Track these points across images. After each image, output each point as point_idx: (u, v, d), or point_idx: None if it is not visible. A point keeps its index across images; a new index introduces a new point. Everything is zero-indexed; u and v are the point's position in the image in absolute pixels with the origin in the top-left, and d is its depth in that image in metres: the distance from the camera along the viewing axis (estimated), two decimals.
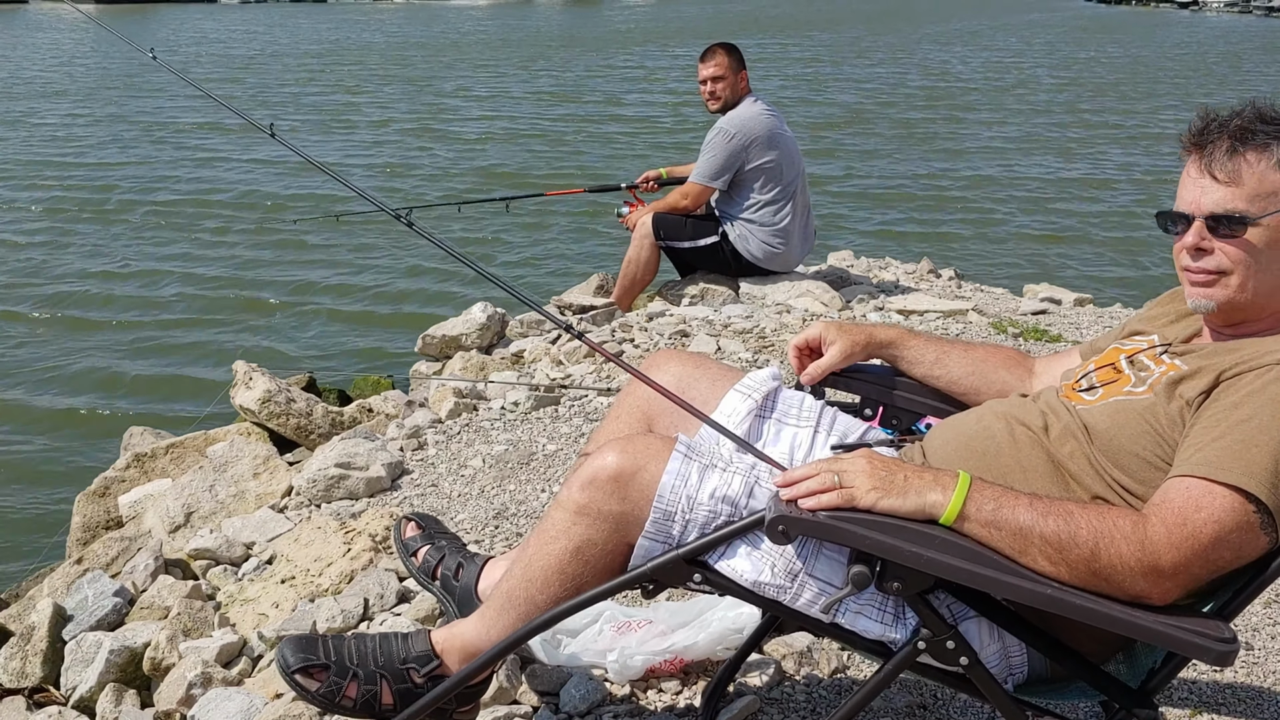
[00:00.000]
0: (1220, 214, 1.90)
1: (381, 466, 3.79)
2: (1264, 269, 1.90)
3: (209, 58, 31.87)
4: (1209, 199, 1.92)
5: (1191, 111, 2.08)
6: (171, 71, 2.82)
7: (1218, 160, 1.91)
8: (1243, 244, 1.90)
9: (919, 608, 1.82)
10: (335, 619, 3.00)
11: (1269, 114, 1.93)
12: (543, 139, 18.47)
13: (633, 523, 1.93)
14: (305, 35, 42.14)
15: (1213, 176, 1.91)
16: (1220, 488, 1.71)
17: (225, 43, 36.90)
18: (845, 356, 2.35)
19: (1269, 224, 1.88)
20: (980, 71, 31.63)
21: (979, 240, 12.46)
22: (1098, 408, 1.99)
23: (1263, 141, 1.89)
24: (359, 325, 8.96)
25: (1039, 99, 25.43)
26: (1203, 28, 59.56)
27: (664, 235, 6.36)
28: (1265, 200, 1.88)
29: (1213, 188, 1.91)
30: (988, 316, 5.86)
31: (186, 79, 2.78)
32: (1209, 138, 1.93)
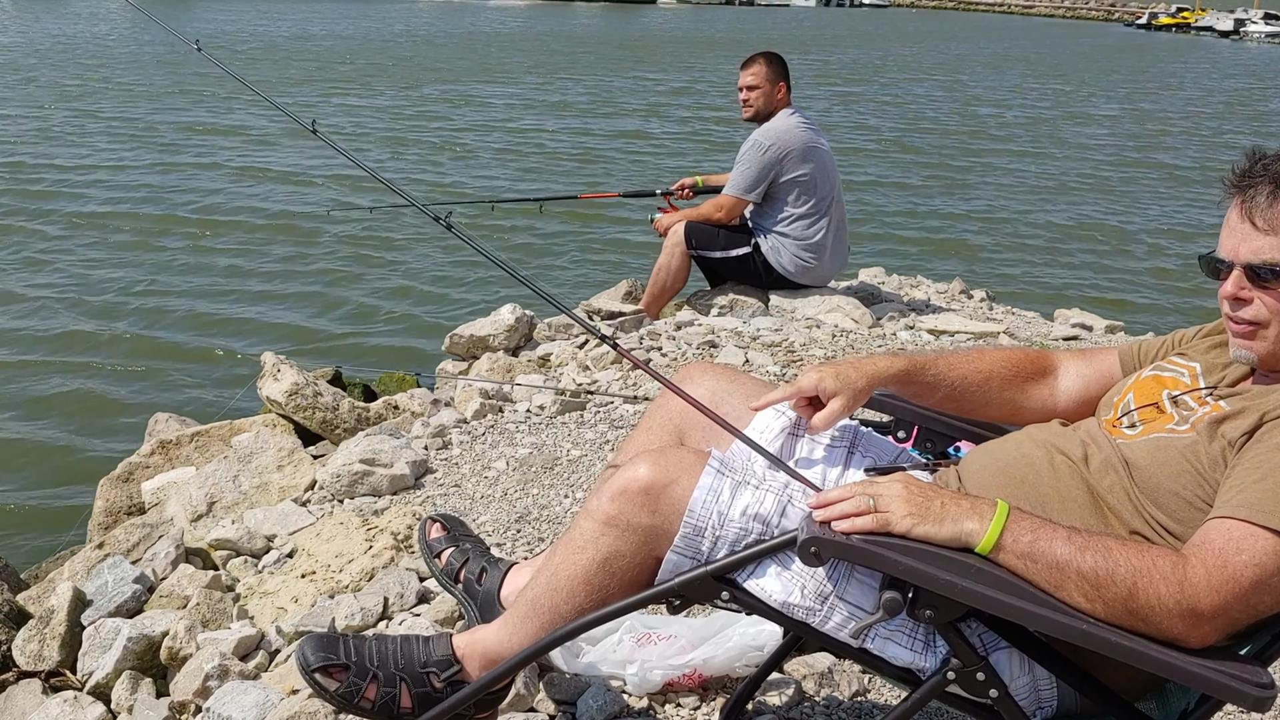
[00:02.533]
0: (1258, 264, 1.86)
1: (405, 464, 3.79)
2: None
3: (249, 50, 32.02)
4: (1247, 247, 1.87)
5: (1223, 143, 2.03)
6: (217, 64, 2.82)
7: (1259, 207, 1.86)
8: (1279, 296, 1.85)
9: (950, 637, 1.79)
10: (354, 617, 2.99)
11: None
12: (578, 142, 18.49)
13: (662, 536, 1.91)
14: (342, 30, 42.33)
15: (1253, 223, 1.86)
16: (1263, 531, 1.68)
17: (262, 37, 37.06)
18: (847, 408, 2.16)
19: None
20: (1023, 95, 31.52)
21: (1012, 261, 12.40)
22: (1139, 443, 1.95)
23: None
24: (387, 322, 8.98)
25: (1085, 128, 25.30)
26: (1244, 56, 59.19)
27: (696, 244, 6.33)
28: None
29: (1252, 235, 1.86)
30: (1019, 340, 5.81)
31: (232, 73, 2.77)
32: (1251, 181, 1.88)
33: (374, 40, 38.01)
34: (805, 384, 2.16)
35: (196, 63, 24.36)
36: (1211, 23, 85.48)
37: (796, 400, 2.19)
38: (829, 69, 34.63)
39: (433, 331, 8.00)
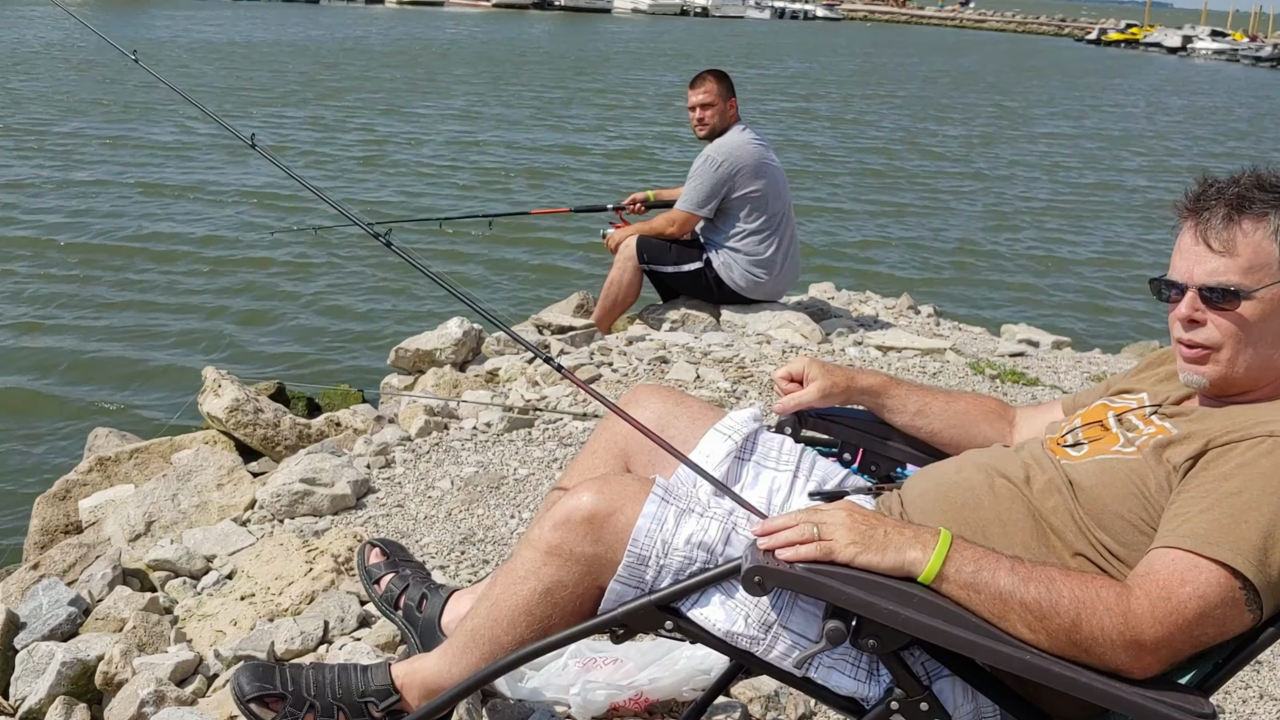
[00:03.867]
0: (1213, 286, 1.87)
1: (347, 484, 3.73)
2: (1256, 343, 1.87)
3: (197, 60, 31.57)
4: (1202, 269, 1.88)
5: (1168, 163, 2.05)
6: (154, 75, 2.76)
7: (1213, 229, 1.87)
8: (1235, 318, 1.86)
9: (893, 666, 1.78)
10: (294, 640, 2.93)
11: (1269, 181, 1.89)
12: (529, 157, 18.40)
13: (605, 566, 1.88)
14: (293, 38, 41.87)
15: (1208, 245, 1.87)
16: (1207, 562, 1.68)
17: (209, 45, 36.57)
18: (823, 396, 2.31)
19: (1263, 297, 1.85)
20: (973, 111, 31.83)
21: (961, 277, 12.50)
22: (1084, 464, 1.95)
23: (1260, 210, 1.85)
24: (332, 336, 8.87)
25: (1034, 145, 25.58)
26: (1191, 72, 60.19)
27: (648, 259, 6.33)
28: (1260, 272, 1.85)
29: (1207, 257, 1.88)
30: (965, 356, 5.84)
31: (170, 84, 2.72)
32: (1206, 204, 1.89)
33: (323, 49, 37.54)
34: (795, 366, 2.36)
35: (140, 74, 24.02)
36: (1160, 39, 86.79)
37: (785, 378, 2.37)
38: (779, 84, 34.75)
39: (379, 345, 7.92)
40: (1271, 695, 3.01)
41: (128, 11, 51.53)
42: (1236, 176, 1.92)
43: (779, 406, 2.36)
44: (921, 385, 2.41)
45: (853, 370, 2.37)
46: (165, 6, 57.97)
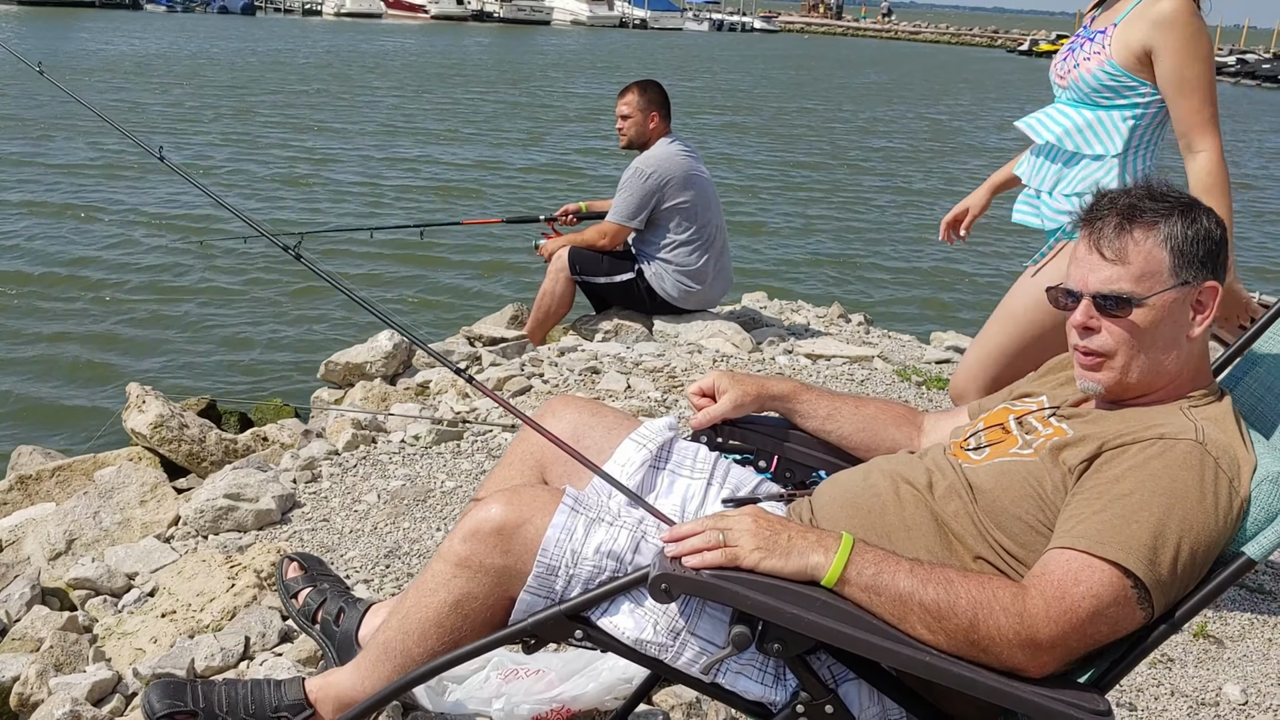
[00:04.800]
0: (1107, 294, 1.92)
1: (272, 499, 3.70)
2: (1148, 349, 1.93)
3: (115, 73, 30.95)
4: (1096, 277, 1.94)
5: None
6: (60, 88, 2.73)
7: (1106, 238, 1.93)
8: (1128, 325, 1.92)
9: (798, 670, 1.81)
10: (214, 657, 2.91)
11: (1159, 191, 1.95)
12: (461, 168, 18.32)
13: (515, 576, 1.89)
14: (218, 52, 41.24)
15: (1100, 255, 1.93)
16: (1100, 562, 1.72)
17: (132, 58, 35.90)
18: (735, 406, 2.33)
19: (1154, 304, 1.91)
20: (908, 123, 32.18)
21: (892, 284, 12.63)
22: (983, 467, 2.00)
23: (1151, 220, 1.91)
24: (262, 350, 8.78)
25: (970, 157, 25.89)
26: None
27: (580, 270, 6.34)
28: (1151, 280, 1.90)
29: (1100, 266, 1.93)
30: (892, 364, 5.91)
31: (77, 97, 2.69)
32: (1099, 214, 1.95)
33: (249, 63, 36.90)
34: (705, 381, 2.38)
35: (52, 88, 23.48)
36: None
37: (697, 393, 2.38)
38: (712, 97, 34.89)
39: (314, 359, 7.86)
40: (1183, 692, 3.07)
41: (58, 23, 50.71)
42: (1128, 187, 1.98)
43: (694, 423, 2.38)
44: (831, 391, 2.45)
45: (763, 378, 2.40)
46: (97, 19, 57.20)
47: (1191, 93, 2.95)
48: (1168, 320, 1.92)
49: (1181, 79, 2.96)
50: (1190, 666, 3.21)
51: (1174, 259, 1.91)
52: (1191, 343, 1.95)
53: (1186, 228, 1.91)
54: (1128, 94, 3.08)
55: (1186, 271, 1.91)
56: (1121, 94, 3.09)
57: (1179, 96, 2.97)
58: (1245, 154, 28.97)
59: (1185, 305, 1.93)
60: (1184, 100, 2.96)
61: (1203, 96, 2.95)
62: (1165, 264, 1.90)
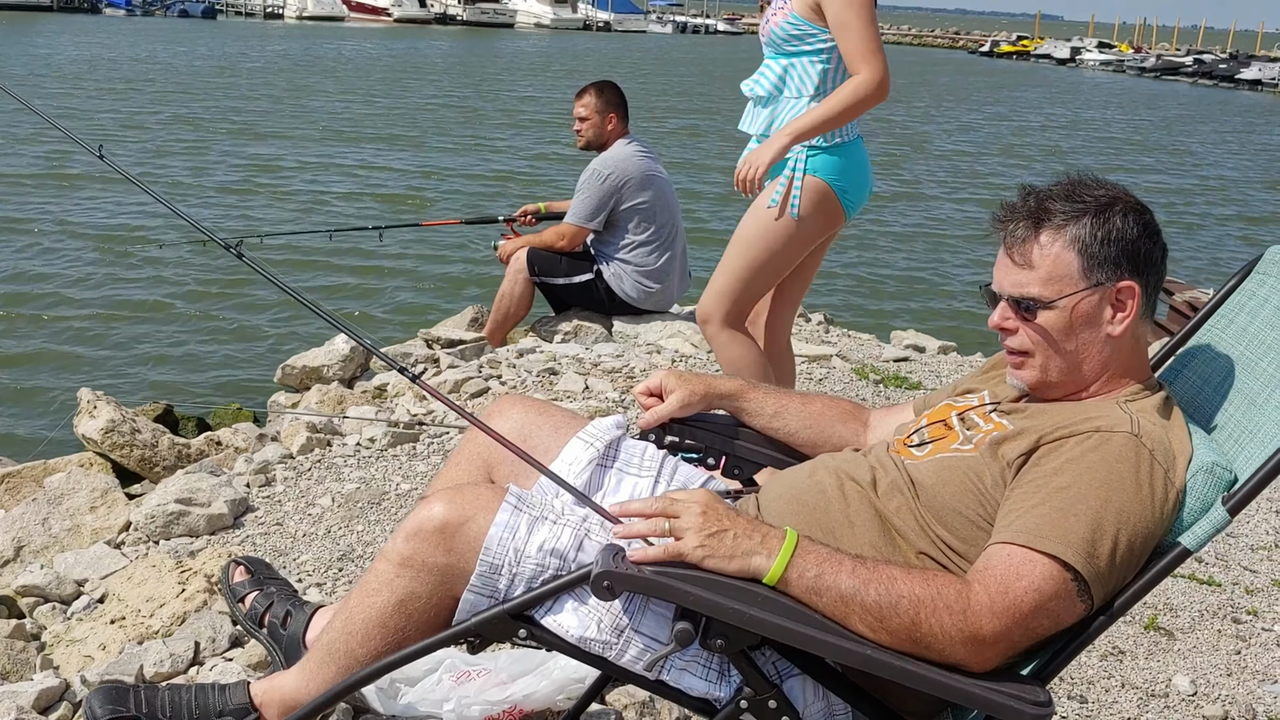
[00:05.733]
0: (1019, 297, 1.95)
1: (224, 503, 3.67)
2: (1064, 349, 1.94)
3: (72, 76, 30.56)
4: (1009, 280, 1.96)
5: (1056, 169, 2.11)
6: (3, 89, 2.70)
7: (1015, 242, 1.95)
8: (1039, 327, 1.94)
9: (742, 666, 1.80)
10: (163, 663, 2.88)
11: (1078, 191, 1.95)
12: (420, 169, 18.21)
13: (459, 576, 1.88)
14: (183, 54, 40.88)
15: (1011, 259, 1.95)
16: (1040, 556, 1.73)
17: (89, 61, 35.47)
18: (683, 405, 2.33)
19: (1064, 306, 1.92)
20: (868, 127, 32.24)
21: (853, 284, 12.68)
22: (925, 463, 2.01)
23: (1059, 223, 1.92)
24: (221, 354, 8.71)
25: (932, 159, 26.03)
26: (1081, 82, 61.84)
27: (538, 271, 6.34)
28: (1060, 283, 1.92)
29: (1012, 270, 1.96)
30: (851, 363, 5.93)
31: (20, 98, 2.66)
32: (1012, 217, 1.96)
33: (208, 65, 36.52)
34: (653, 381, 2.37)
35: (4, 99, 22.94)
36: (1050, 50, 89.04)
37: (645, 393, 2.37)
38: (675, 101, 34.88)
39: (269, 362, 7.80)
40: (1133, 684, 3.10)
41: (11, 26, 50.12)
42: (1045, 188, 1.98)
43: (642, 423, 2.38)
44: (778, 389, 2.45)
45: (710, 376, 2.40)
46: (54, 23, 56.59)
47: (850, 31, 3.41)
48: (1082, 321, 1.93)
49: (842, 21, 3.42)
50: (1141, 659, 3.24)
51: (1083, 261, 1.91)
52: (1116, 340, 1.95)
53: (1096, 229, 1.91)
54: (811, 40, 3.53)
55: (1099, 272, 1.91)
56: (806, 41, 3.53)
57: (843, 35, 3.43)
58: (1217, 155, 29.32)
59: (1102, 305, 1.93)
60: (847, 38, 3.42)
61: (860, 34, 3.41)
62: (1074, 266, 1.91)
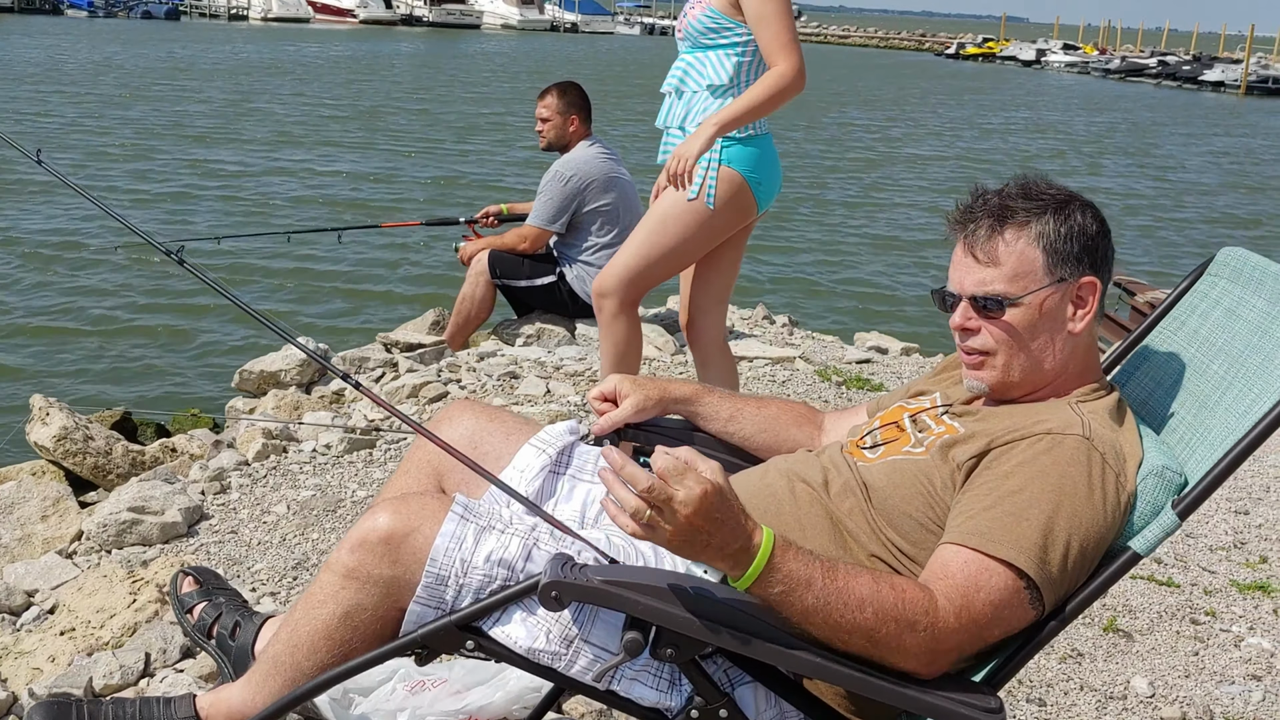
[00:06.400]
0: (982, 295, 1.93)
1: (178, 511, 3.62)
2: (1028, 347, 1.93)
3: (28, 79, 30.08)
4: (971, 279, 1.95)
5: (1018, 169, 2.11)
6: None
7: (979, 240, 1.94)
8: (1004, 325, 1.93)
9: (692, 675, 1.78)
10: (113, 675, 2.83)
11: (1033, 189, 1.95)
12: (380, 171, 18.08)
13: (405, 587, 1.85)
14: (142, 56, 40.37)
15: (974, 257, 1.94)
16: (996, 564, 1.71)
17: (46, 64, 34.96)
18: (638, 410, 2.30)
19: (1030, 303, 1.92)
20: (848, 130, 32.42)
21: (821, 289, 12.71)
22: (877, 465, 1.99)
23: (1023, 219, 1.92)
24: (186, 360, 8.62)
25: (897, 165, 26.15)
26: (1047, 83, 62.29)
27: (500, 274, 6.30)
28: (1025, 279, 1.91)
29: (975, 268, 1.94)
30: (814, 364, 5.93)
31: None
32: (972, 216, 1.96)
33: (166, 68, 35.95)
34: (607, 386, 2.32)
35: None
36: (1015, 53, 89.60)
37: (599, 398, 2.32)
38: (641, 103, 34.84)
39: (228, 366, 7.72)
40: (1092, 686, 3.10)
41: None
42: (1002, 187, 1.99)
43: (596, 428, 2.33)
44: (734, 393, 2.44)
45: (665, 381, 2.37)
46: (14, 24, 55.96)
47: (768, 25, 3.47)
48: (1046, 318, 1.93)
49: (760, 14, 3.47)
50: (1100, 661, 3.24)
51: (1047, 257, 1.92)
52: (1075, 338, 1.96)
53: (1059, 225, 1.92)
54: (727, 34, 3.58)
55: (1062, 268, 1.92)
56: (722, 34, 3.58)
57: (760, 29, 3.49)
58: (1181, 157, 29.58)
59: (1064, 301, 1.94)
60: (764, 31, 3.48)
61: (778, 26, 3.47)
62: (1039, 263, 1.91)
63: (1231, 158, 30.37)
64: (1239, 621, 3.53)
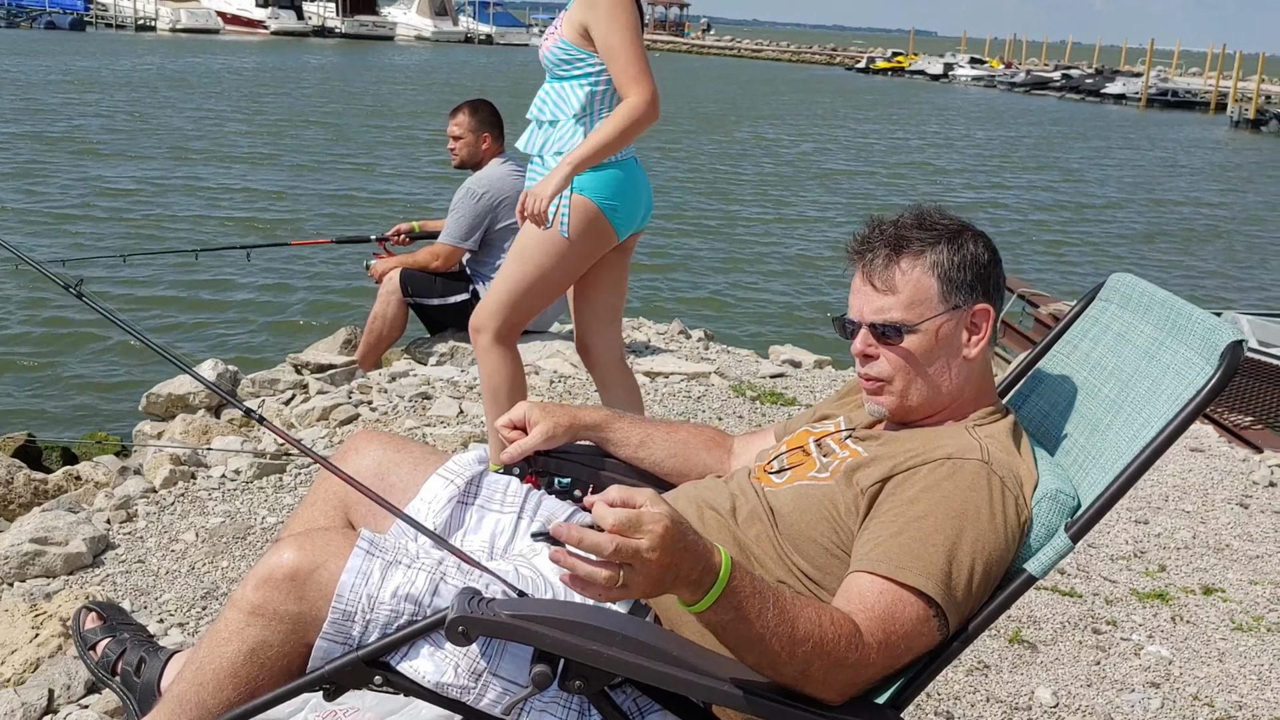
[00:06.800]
0: (880, 323, 1.98)
1: (83, 541, 3.55)
2: (925, 372, 1.99)
3: None
4: (870, 307, 1.99)
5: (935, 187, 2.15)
6: None
7: (876, 269, 1.99)
8: (903, 351, 1.98)
9: (601, 705, 1.80)
10: (14, 713, 2.76)
11: (927, 219, 2.01)
12: (287, 188, 17.81)
13: (311, 623, 1.83)
14: (39, 68, 39.22)
15: (873, 285, 1.99)
16: (907, 593, 1.75)
17: None
18: (547, 438, 2.30)
19: (926, 329, 1.97)
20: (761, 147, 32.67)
21: (731, 305, 12.81)
22: (783, 490, 2.02)
23: (918, 249, 1.97)
24: (92, 381, 8.43)
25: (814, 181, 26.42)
26: (954, 96, 63.42)
27: (412, 292, 6.27)
28: (921, 306, 1.97)
29: (874, 296, 1.99)
30: (728, 379, 5.98)
31: None
32: (869, 246, 2.01)
33: (63, 81, 34.85)
34: (516, 413, 2.30)
35: None
36: (924, 67, 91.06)
37: (508, 426, 2.30)
38: None
39: (135, 388, 7.57)
40: (998, 698, 3.17)
41: None
42: (897, 217, 2.04)
43: (506, 456, 2.32)
44: (644, 418, 2.46)
45: (575, 408, 2.38)
46: None
47: (618, 56, 3.44)
48: (942, 344, 1.98)
49: (609, 45, 3.45)
50: (1005, 672, 3.31)
51: (942, 285, 1.97)
52: (970, 363, 2.01)
53: (953, 254, 1.98)
54: (580, 65, 3.56)
55: (956, 296, 1.98)
56: (575, 65, 3.56)
57: (610, 60, 3.47)
58: (1088, 171, 30.27)
59: (959, 328, 1.99)
60: (614, 62, 3.46)
61: (628, 57, 3.44)
62: (934, 291, 1.97)
63: (1133, 171, 31.19)
64: (1139, 630, 3.63)
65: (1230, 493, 4.95)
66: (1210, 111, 61.75)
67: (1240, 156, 37.91)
